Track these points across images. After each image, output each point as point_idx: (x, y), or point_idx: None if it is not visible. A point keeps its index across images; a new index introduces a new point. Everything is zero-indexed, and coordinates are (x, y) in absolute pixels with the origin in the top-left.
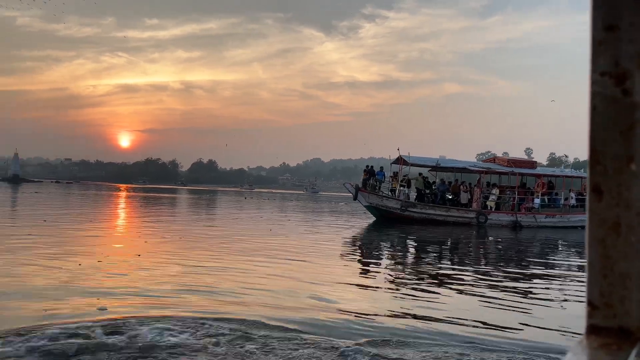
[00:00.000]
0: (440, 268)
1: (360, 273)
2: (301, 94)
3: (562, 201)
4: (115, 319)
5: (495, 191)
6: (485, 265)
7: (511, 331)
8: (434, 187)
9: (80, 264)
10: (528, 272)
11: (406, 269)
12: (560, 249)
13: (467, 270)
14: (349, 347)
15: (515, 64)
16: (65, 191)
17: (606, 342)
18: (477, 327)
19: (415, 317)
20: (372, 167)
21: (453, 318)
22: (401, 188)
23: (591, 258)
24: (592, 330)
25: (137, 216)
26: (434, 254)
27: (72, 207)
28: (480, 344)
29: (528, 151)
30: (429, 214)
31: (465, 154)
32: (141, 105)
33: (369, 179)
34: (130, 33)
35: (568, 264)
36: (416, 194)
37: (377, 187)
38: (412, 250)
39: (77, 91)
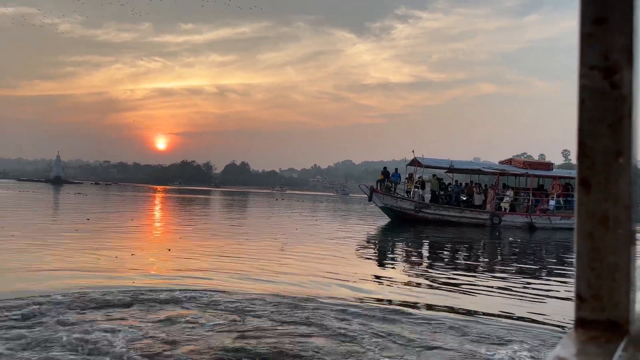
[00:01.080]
0: (441, 268)
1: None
2: (333, 96)
3: None
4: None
5: (510, 193)
6: (485, 263)
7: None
8: (449, 189)
9: (116, 257)
10: (524, 269)
11: (410, 268)
12: (558, 249)
13: (467, 268)
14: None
15: (553, 64)
16: (105, 192)
17: (595, 334)
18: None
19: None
20: (385, 168)
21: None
22: (415, 189)
23: (580, 251)
24: (581, 323)
25: (173, 215)
26: (441, 256)
27: (114, 207)
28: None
29: (565, 153)
30: (442, 215)
31: (500, 155)
32: (177, 108)
33: (384, 181)
34: (167, 38)
35: (561, 263)
36: (430, 195)
37: (392, 189)
38: (418, 251)
39: (115, 95)
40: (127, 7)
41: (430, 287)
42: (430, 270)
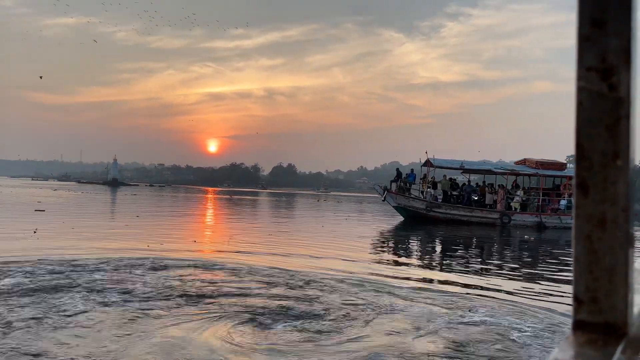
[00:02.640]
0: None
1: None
2: (381, 97)
3: None
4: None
5: (520, 192)
6: (483, 259)
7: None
8: (462, 189)
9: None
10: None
11: (407, 257)
12: (555, 246)
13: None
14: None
15: None
16: (159, 193)
17: (592, 337)
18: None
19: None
20: (398, 169)
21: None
22: (428, 189)
23: (577, 253)
24: (579, 325)
25: (220, 214)
26: (443, 250)
27: (169, 207)
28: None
29: None
30: (453, 215)
31: (554, 155)
32: (227, 112)
33: (397, 181)
34: (217, 43)
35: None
36: (442, 195)
37: (405, 189)
38: (421, 245)
39: (169, 100)
40: (180, 13)
41: (422, 267)
42: (427, 260)
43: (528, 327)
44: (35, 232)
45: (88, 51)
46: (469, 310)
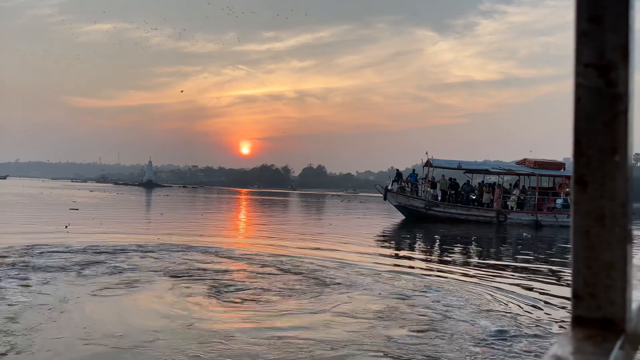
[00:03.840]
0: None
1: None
2: (413, 97)
3: None
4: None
5: (516, 191)
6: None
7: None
8: (461, 188)
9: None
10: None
11: (397, 249)
12: (544, 243)
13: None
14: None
15: None
16: (189, 194)
17: (591, 333)
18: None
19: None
20: (398, 170)
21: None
22: (428, 189)
23: (576, 249)
24: (577, 321)
25: (248, 213)
26: (434, 245)
27: (190, 206)
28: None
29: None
30: (451, 213)
31: None
32: (259, 114)
33: (397, 181)
34: (250, 47)
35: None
36: (440, 194)
37: (406, 189)
38: (415, 240)
39: (202, 103)
40: (213, 18)
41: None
42: (413, 250)
43: (458, 305)
44: (67, 226)
45: (125, 56)
46: (424, 286)
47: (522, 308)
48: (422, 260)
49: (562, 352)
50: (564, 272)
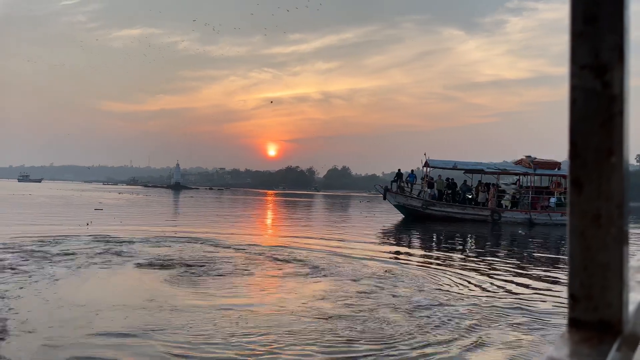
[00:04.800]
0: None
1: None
2: (442, 97)
3: None
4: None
5: (510, 190)
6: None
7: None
8: (457, 188)
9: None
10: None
11: (389, 243)
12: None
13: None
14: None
15: None
16: (214, 196)
17: (588, 335)
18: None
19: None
20: (399, 170)
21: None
22: (426, 189)
23: (572, 250)
24: (574, 323)
25: (261, 211)
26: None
27: (218, 207)
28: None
29: None
30: (447, 212)
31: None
32: (285, 116)
33: (397, 181)
34: (276, 49)
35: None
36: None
37: (404, 189)
38: (407, 236)
39: (230, 106)
40: (240, 22)
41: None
42: (399, 243)
43: (404, 285)
44: (88, 224)
45: (154, 61)
46: (386, 272)
47: (464, 288)
48: (402, 252)
49: (558, 354)
50: (528, 265)
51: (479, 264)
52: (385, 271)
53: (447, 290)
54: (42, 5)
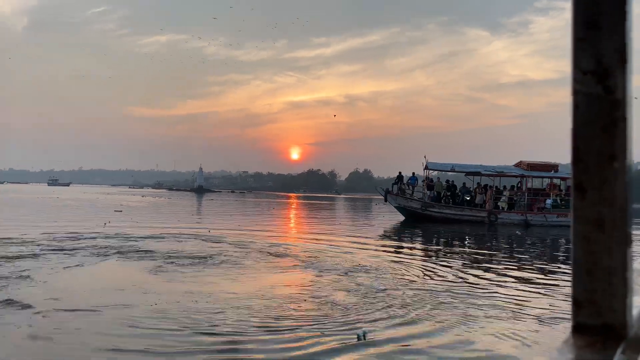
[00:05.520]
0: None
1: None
2: (466, 98)
3: None
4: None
5: (506, 192)
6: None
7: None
8: (458, 190)
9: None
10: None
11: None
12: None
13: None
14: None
15: None
16: (234, 199)
17: (592, 340)
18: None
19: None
20: (400, 172)
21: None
22: (425, 191)
23: (576, 255)
24: (578, 328)
25: (272, 212)
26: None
27: (234, 209)
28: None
29: None
30: (446, 213)
31: None
32: (308, 120)
33: (397, 183)
34: (300, 53)
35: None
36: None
37: (405, 191)
38: (403, 236)
39: (254, 110)
40: (265, 27)
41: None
42: (388, 241)
43: (367, 274)
44: (105, 224)
45: (181, 66)
46: (358, 265)
47: (425, 278)
48: (387, 247)
49: (562, 359)
50: (500, 260)
51: (454, 258)
52: (359, 264)
53: (409, 279)
54: (72, 13)
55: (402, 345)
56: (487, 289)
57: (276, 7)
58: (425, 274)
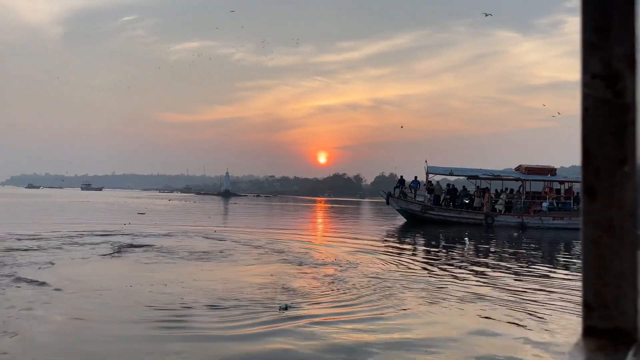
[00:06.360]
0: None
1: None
2: (496, 101)
3: (572, 204)
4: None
5: (503, 196)
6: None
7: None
8: (457, 193)
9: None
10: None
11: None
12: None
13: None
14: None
15: None
16: (257, 202)
17: (603, 343)
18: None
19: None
20: (402, 177)
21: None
22: (426, 194)
23: (586, 259)
24: (589, 331)
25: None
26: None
27: (255, 212)
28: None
29: None
30: (445, 216)
31: None
32: (335, 124)
33: (399, 187)
34: (327, 58)
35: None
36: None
37: (407, 194)
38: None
39: (281, 115)
40: (291, 32)
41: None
42: (378, 242)
43: (341, 269)
44: (125, 224)
45: (210, 72)
46: (348, 262)
47: (386, 270)
48: (375, 247)
49: None
50: (477, 257)
51: (436, 255)
52: (335, 259)
53: (375, 272)
54: (104, 21)
55: (321, 319)
56: (444, 281)
57: (304, 13)
58: (393, 268)
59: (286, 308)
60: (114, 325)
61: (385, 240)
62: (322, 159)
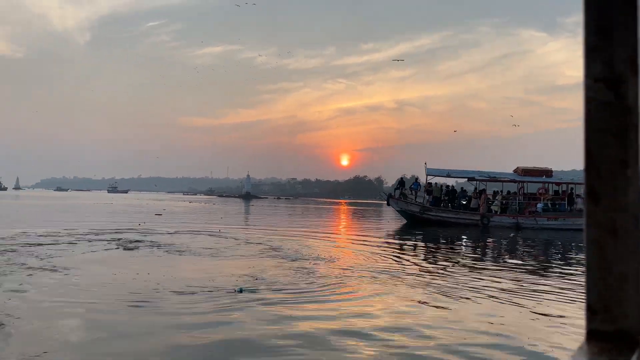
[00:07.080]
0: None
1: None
2: (521, 101)
3: (566, 206)
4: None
5: (499, 197)
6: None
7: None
8: (457, 195)
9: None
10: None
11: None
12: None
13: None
14: None
15: None
16: (276, 204)
17: (606, 346)
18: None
19: None
20: (402, 178)
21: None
22: (425, 195)
23: (589, 262)
24: (592, 335)
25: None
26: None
27: (267, 213)
28: None
29: None
30: (442, 217)
31: None
32: (358, 126)
33: (399, 188)
34: (349, 60)
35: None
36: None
37: (407, 195)
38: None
39: (304, 118)
40: (314, 35)
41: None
42: (374, 238)
43: (319, 262)
44: (139, 224)
45: (233, 76)
46: (318, 255)
47: (362, 264)
48: (370, 243)
49: None
50: (456, 254)
51: (420, 251)
52: (318, 255)
53: (350, 266)
54: (130, 27)
55: (269, 301)
56: (417, 275)
57: (326, 15)
58: (372, 262)
59: (241, 291)
60: (93, 303)
61: (378, 239)
62: (344, 161)
